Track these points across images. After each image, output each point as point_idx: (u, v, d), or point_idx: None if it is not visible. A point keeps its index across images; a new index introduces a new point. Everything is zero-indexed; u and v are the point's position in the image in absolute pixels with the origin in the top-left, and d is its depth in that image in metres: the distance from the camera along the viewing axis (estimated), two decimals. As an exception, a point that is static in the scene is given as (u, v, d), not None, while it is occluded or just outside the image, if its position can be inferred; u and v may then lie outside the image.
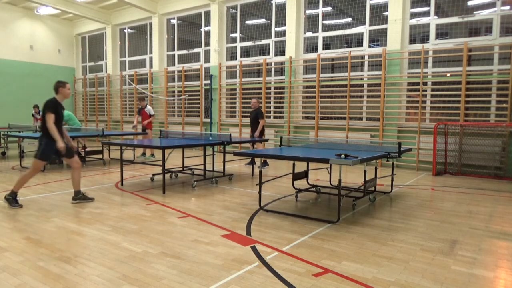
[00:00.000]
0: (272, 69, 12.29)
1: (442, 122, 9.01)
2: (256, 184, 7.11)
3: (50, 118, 5.31)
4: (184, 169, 8.24)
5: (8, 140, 12.31)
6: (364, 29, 10.52)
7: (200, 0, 13.48)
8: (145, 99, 11.56)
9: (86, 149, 10.47)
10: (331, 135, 10.70)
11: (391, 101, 9.97)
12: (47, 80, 17.25)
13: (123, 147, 7.39)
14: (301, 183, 6.67)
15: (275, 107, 12.30)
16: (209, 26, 13.52)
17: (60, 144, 5.30)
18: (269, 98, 12.31)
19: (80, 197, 5.68)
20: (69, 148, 5.55)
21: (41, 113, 12.66)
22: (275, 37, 12.22)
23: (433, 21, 9.54)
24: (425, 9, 9.69)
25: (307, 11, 11.62)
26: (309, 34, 11.56)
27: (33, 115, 14.41)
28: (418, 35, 9.88)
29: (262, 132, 9.46)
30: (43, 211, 5.15)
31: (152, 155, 11.10)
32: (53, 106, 5.38)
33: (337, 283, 3.04)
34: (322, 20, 11.30)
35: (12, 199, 5.37)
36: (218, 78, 13.19)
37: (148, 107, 11.05)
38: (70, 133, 6.58)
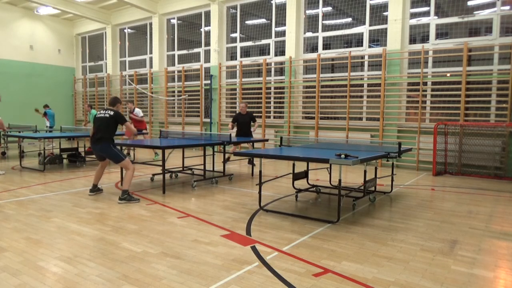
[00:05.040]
0: (272, 69, 12.28)
1: (442, 122, 9.01)
2: (256, 184, 7.11)
3: None
4: (184, 169, 8.24)
5: (8, 140, 12.31)
6: (364, 29, 10.52)
7: (200, 0, 13.48)
8: (133, 102, 11.32)
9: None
10: (331, 135, 10.69)
11: (391, 101, 9.96)
12: (47, 80, 17.36)
13: (123, 147, 7.39)
14: (301, 183, 6.67)
15: (275, 107, 12.30)
16: (209, 26, 13.52)
17: None
18: (269, 98, 12.31)
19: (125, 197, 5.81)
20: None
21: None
22: (275, 37, 12.22)
23: (433, 21, 9.54)
24: (425, 9, 9.68)
25: (307, 11, 11.61)
26: (309, 34, 11.56)
27: None
28: (418, 35, 9.88)
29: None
30: (43, 211, 5.15)
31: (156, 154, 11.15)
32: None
33: (337, 283, 3.04)
34: (322, 20, 11.30)
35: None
36: (218, 78, 13.19)
37: (136, 109, 10.72)
38: (72, 133, 6.58)
